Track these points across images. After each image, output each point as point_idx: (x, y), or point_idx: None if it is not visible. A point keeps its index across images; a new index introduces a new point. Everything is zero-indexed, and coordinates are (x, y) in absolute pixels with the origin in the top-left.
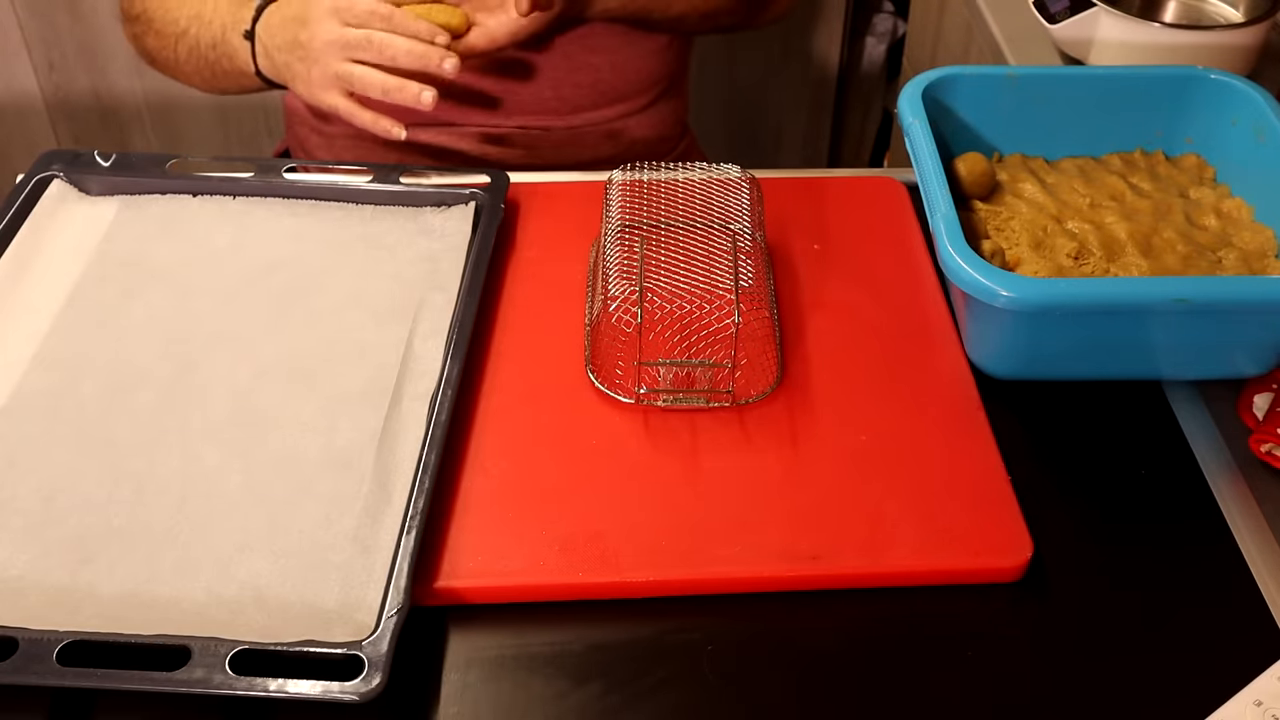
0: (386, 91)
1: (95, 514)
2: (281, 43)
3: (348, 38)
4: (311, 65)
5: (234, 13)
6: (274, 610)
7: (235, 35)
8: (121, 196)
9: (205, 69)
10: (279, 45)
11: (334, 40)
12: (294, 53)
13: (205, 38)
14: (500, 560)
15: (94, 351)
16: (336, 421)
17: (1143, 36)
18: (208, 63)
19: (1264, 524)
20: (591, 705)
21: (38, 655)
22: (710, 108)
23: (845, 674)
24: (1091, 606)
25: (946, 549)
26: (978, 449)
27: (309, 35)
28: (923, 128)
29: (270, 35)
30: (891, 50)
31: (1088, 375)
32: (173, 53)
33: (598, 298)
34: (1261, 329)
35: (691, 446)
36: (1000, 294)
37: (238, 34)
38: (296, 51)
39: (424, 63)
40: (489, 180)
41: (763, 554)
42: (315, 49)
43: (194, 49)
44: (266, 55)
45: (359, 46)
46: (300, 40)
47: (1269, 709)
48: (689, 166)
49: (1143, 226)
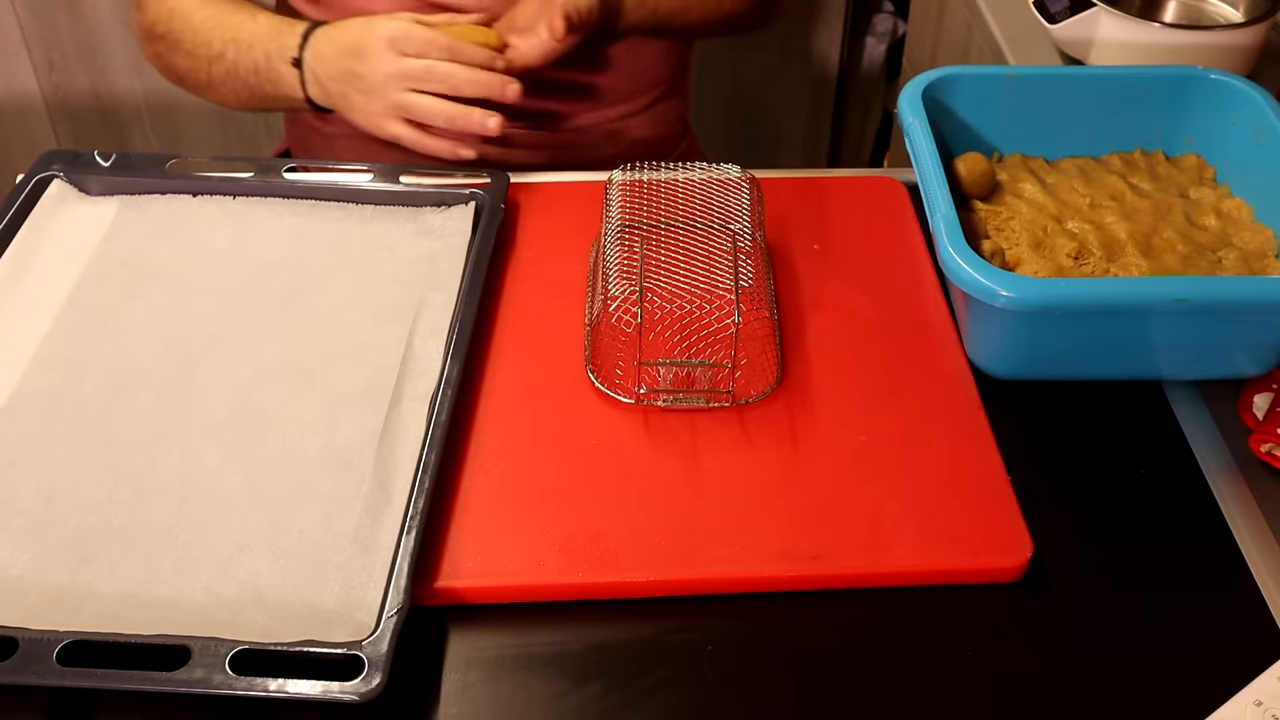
0: (451, 120)
1: (95, 514)
2: (335, 72)
3: (409, 69)
4: (372, 97)
5: (275, 39)
6: (274, 610)
7: (280, 62)
8: (121, 196)
9: (244, 91)
10: (332, 75)
11: (394, 72)
12: (351, 83)
13: (245, 62)
14: (500, 560)
15: (94, 351)
16: (336, 421)
17: (1143, 36)
18: (247, 86)
19: (1264, 524)
20: (591, 705)
21: (38, 655)
22: (710, 108)
23: (845, 674)
24: (1091, 606)
25: (946, 549)
26: (978, 449)
27: (368, 68)
28: (923, 128)
29: (322, 64)
30: (891, 50)
31: (1088, 375)
32: (206, 74)
33: (598, 298)
34: (1261, 329)
35: (691, 446)
36: (1000, 294)
37: (283, 61)
38: (354, 83)
39: (488, 91)
40: (489, 180)
41: (763, 554)
42: (375, 81)
43: (231, 72)
44: (318, 83)
45: (421, 78)
46: (358, 72)
47: (1269, 709)
48: (689, 166)
49: (1143, 226)
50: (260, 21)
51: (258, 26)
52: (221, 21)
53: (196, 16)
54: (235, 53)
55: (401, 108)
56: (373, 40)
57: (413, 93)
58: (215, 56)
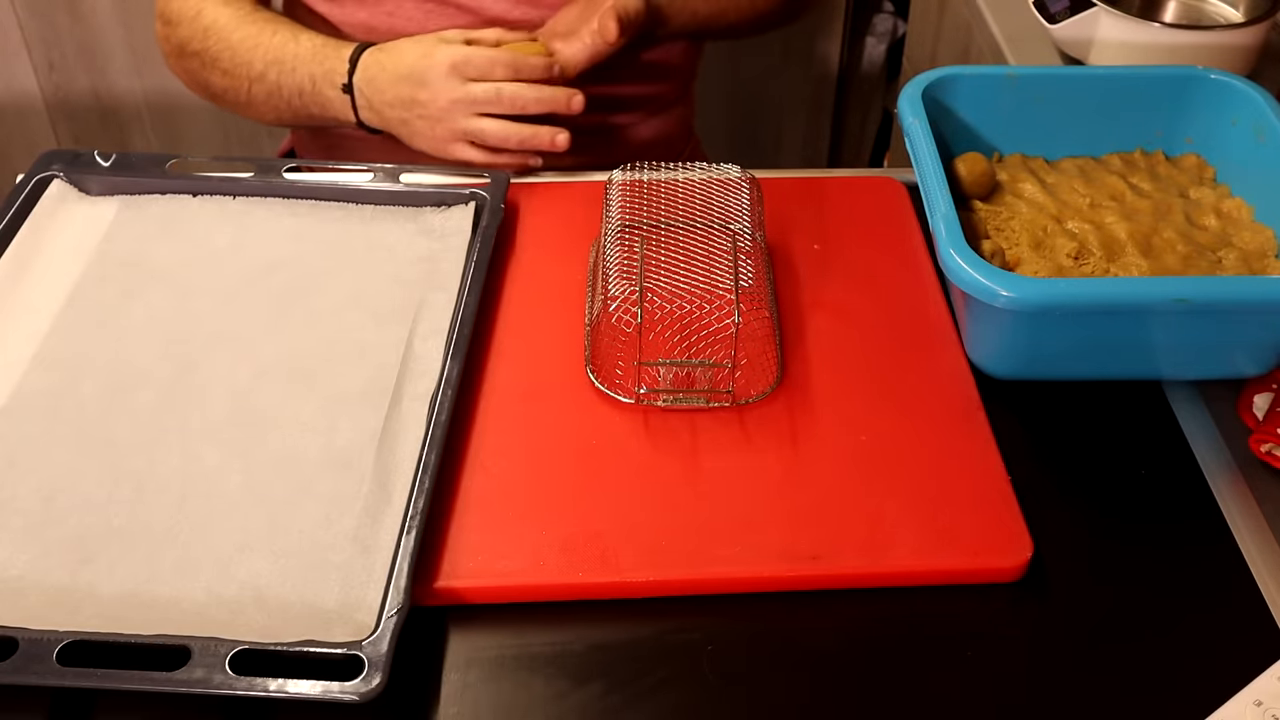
0: (523, 142)
1: (95, 514)
2: (394, 99)
3: (475, 94)
4: (435, 123)
5: (321, 63)
6: (274, 610)
7: (328, 87)
8: (121, 196)
9: (287, 111)
10: (389, 102)
11: (460, 99)
12: (412, 110)
13: (289, 85)
14: (500, 560)
15: (94, 351)
16: (336, 421)
17: (1143, 36)
18: (291, 108)
19: (1264, 524)
20: (591, 705)
21: (38, 655)
22: (710, 108)
23: (846, 674)
24: (1091, 606)
25: (946, 549)
26: (978, 449)
27: (429, 94)
28: (923, 128)
29: (377, 91)
30: (891, 50)
31: (1088, 375)
32: (245, 94)
33: (598, 298)
34: (1261, 329)
35: (691, 446)
36: (1000, 294)
37: (332, 86)
38: (415, 109)
39: (554, 106)
40: (489, 180)
41: (763, 554)
42: (440, 107)
43: (274, 93)
44: (372, 109)
45: (490, 102)
46: (420, 99)
47: (1269, 709)
48: (689, 166)
49: (1143, 226)
50: (303, 43)
51: (300, 49)
52: (262, 42)
53: (235, 36)
54: (278, 74)
55: (470, 133)
56: (433, 66)
57: (480, 117)
58: (256, 77)
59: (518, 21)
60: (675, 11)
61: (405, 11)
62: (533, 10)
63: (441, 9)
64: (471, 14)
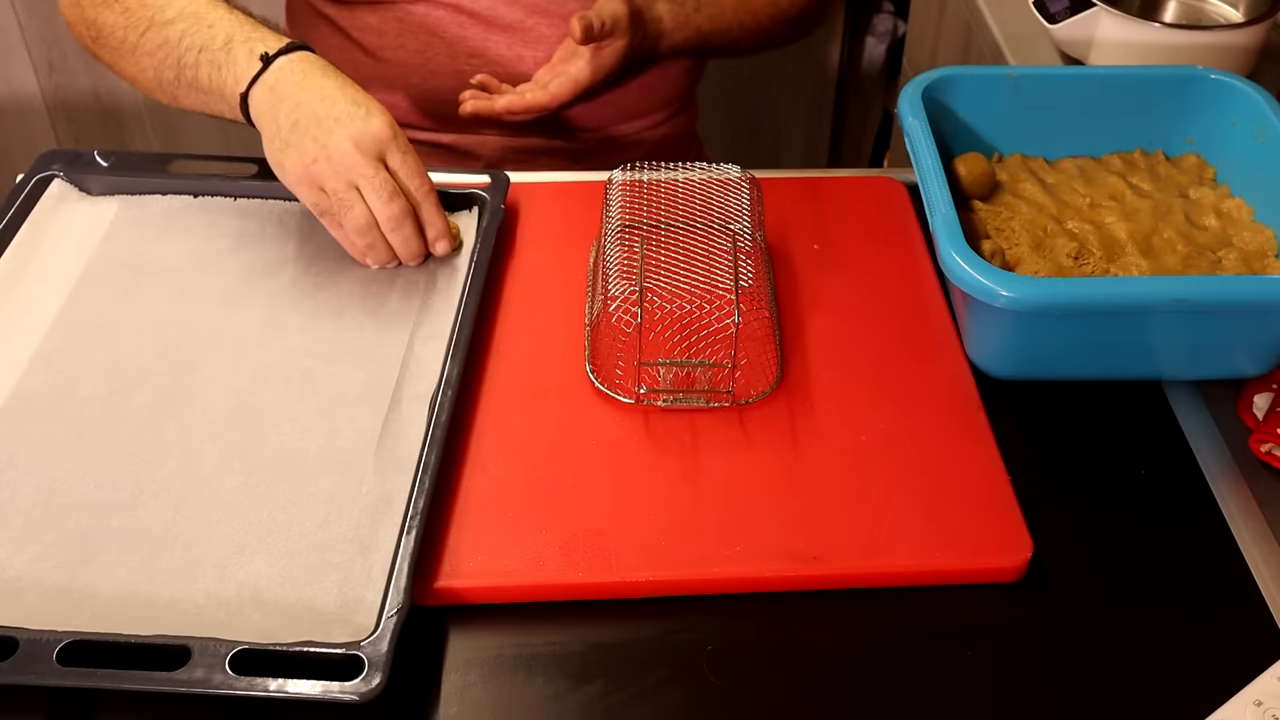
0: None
1: (94, 514)
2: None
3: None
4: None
5: (253, 29)
6: (273, 611)
7: (242, 50)
8: (122, 196)
9: (168, 69)
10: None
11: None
12: (320, 126)
13: (194, 38)
14: (500, 560)
15: (94, 351)
16: (336, 421)
17: (1143, 36)
18: (178, 63)
19: (1264, 524)
20: (591, 705)
21: (38, 655)
22: (710, 108)
23: (846, 674)
24: (1091, 606)
25: (946, 549)
26: (978, 449)
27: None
28: (923, 128)
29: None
30: (891, 50)
31: (1088, 375)
32: (135, 37)
33: (598, 298)
34: (1261, 329)
35: (691, 446)
36: (1000, 294)
37: (248, 52)
38: (320, 131)
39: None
40: (489, 180)
41: (763, 554)
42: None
43: (167, 43)
44: (275, 92)
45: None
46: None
47: (1269, 709)
48: (689, 166)
49: (1143, 226)
50: (239, 15)
51: (234, 15)
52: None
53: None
54: (187, 26)
55: (339, 200)
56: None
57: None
58: (161, 22)
59: (517, 23)
60: (676, 28)
61: (414, 18)
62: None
63: (452, 16)
64: (475, 18)
